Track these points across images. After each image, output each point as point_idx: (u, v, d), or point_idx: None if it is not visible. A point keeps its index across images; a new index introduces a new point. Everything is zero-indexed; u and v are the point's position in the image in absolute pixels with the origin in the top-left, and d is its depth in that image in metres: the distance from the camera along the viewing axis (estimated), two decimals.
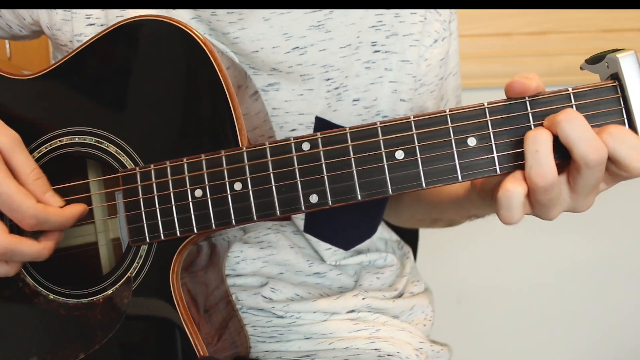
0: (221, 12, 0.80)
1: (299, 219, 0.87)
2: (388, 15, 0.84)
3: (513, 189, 0.61)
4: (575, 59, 0.68)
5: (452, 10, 0.89)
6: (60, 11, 0.82)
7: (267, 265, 0.89)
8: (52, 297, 0.72)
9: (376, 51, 0.84)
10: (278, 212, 0.67)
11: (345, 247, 0.90)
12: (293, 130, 0.84)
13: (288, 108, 0.83)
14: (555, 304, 1.71)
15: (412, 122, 0.64)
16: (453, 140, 0.64)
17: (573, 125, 0.60)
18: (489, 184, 0.69)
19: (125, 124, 0.71)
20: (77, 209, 0.70)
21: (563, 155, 0.62)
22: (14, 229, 0.69)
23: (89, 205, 0.74)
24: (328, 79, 0.83)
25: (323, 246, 0.89)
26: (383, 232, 0.99)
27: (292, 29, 0.81)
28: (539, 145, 0.61)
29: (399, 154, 0.65)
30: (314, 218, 0.87)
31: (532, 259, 1.69)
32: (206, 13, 0.80)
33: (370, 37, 0.84)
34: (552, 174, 0.60)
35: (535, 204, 0.63)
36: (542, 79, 0.64)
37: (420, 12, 0.85)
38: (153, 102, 0.71)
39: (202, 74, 0.69)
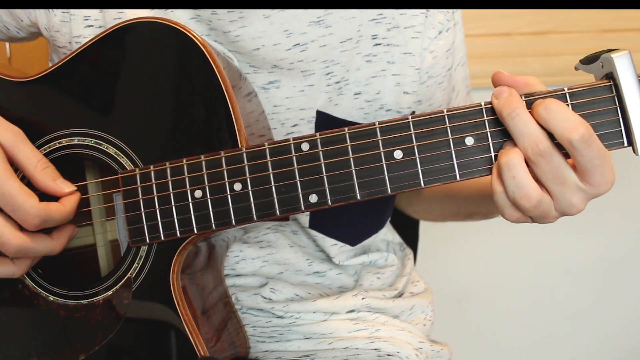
0: (222, 11, 0.80)
1: (304, 215, 0.87)
2: None
3: (496, 188, 0.64)
4: (575, 59, 0.68)
5: None
6: (58, 13, 0.82)
7: (267, 264, 0.89)
8: (51, 299, 0.72)
9: (377, 44, 0.84)
10: (278, 212, 0.67)
11: (352, 242, 0.90)
12: (295, 125, 0.84)
13: (289, 105, 0.83)
14: (556, 303, 1.71)
15: (410, 122, 0.65)
16: (451, 140, 0.64)
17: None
18: None
19: (124, 125, 0.72)
20: (74, 198, 0.70)
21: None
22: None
23: (88, 207, 0.75)
24: (328, 73, 0.83)
25: (329, 242, 0.89)
26: (387, 234, 0.99)
27: (293, 26, 0.81)
28: (514, 171, 0.62)
29: (398, 154, 0.65)
30: (319, 214, 0.87)
31: (532, 259, 1.69)
32: (206, 12, 0.80)
33: (371, 31, 0.84)
34: (534, 192, 0.62)
35: (530, 216, 0.65)
36: (542, 79, 0.64)
37: None
38: (152, 104, 0.71)
39: (200, 75, 0.70)
